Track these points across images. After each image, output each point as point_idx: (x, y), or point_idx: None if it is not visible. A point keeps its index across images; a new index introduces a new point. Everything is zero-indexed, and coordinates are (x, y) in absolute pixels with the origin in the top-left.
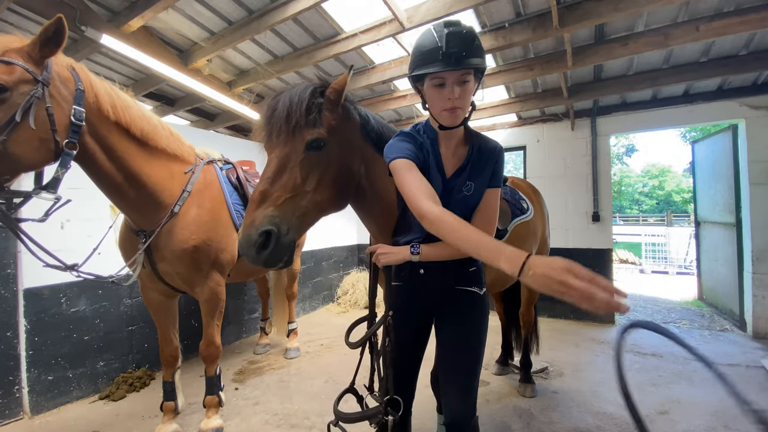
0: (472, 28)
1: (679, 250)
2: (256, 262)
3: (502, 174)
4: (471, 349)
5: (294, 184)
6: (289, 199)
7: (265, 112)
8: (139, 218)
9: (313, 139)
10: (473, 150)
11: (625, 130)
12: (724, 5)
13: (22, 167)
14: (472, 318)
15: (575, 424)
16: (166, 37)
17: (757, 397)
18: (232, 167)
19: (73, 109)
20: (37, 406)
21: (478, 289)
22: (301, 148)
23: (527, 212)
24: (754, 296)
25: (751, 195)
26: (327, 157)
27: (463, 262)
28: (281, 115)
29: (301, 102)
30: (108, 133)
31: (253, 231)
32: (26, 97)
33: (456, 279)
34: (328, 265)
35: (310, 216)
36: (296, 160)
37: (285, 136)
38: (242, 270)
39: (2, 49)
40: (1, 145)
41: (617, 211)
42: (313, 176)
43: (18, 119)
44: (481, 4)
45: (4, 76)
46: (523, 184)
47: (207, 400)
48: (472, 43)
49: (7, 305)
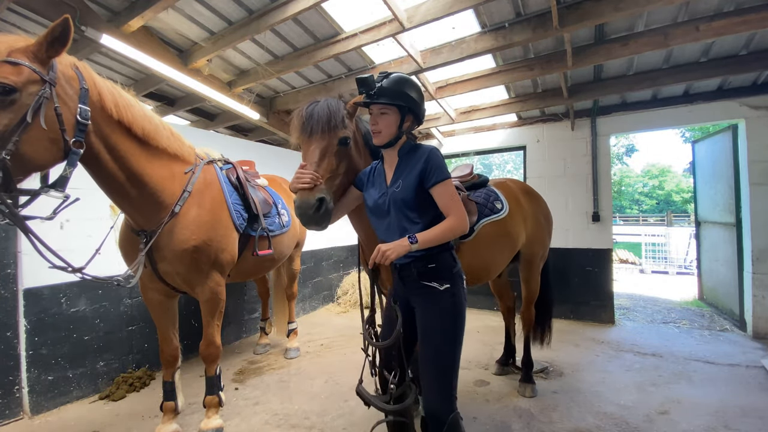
0: (395, 78)
1: (679, 250)
2: (310, 221)
3: (439, 170)
4: (436, 343)
5: (331, 168)
6: (329, 179)
7: (303, 116)
8: (139, 218)
9: (344, 137)
10: (401, 158)
11: (625, 130)
12: (724, 5)
13: (34, 167)
14: (434, 312)
15: (575, 424)
16: (166, 37)
17: (757, 397)
18: (231, 167)
19: (78, 108)
20: (37, 406)
21: (438, 285)
22: (335, 143)
23: (500, 212)
24: (754, 296)
25: (751, 195)
26: (349, 152)
27: (423, 259)
28: (322, 118)
29: (339, 109)
30: (111, 132)
31: (312, 197)
32: (35, 98)
33: (419, 274)
34: (328, 265)
35: (338, 194)
36: (332, 151)
37: (324, 133)
38: (242, 270)
39: (7, 49)
40: (14, 145)
41: (617, 211)
42: (343, 164)
43: (29, 120)
44: (481, 4)
45: (13, 77)
46: (514, 186)
47: (207, 400)
48: (386, 89)
49: (7, 305)
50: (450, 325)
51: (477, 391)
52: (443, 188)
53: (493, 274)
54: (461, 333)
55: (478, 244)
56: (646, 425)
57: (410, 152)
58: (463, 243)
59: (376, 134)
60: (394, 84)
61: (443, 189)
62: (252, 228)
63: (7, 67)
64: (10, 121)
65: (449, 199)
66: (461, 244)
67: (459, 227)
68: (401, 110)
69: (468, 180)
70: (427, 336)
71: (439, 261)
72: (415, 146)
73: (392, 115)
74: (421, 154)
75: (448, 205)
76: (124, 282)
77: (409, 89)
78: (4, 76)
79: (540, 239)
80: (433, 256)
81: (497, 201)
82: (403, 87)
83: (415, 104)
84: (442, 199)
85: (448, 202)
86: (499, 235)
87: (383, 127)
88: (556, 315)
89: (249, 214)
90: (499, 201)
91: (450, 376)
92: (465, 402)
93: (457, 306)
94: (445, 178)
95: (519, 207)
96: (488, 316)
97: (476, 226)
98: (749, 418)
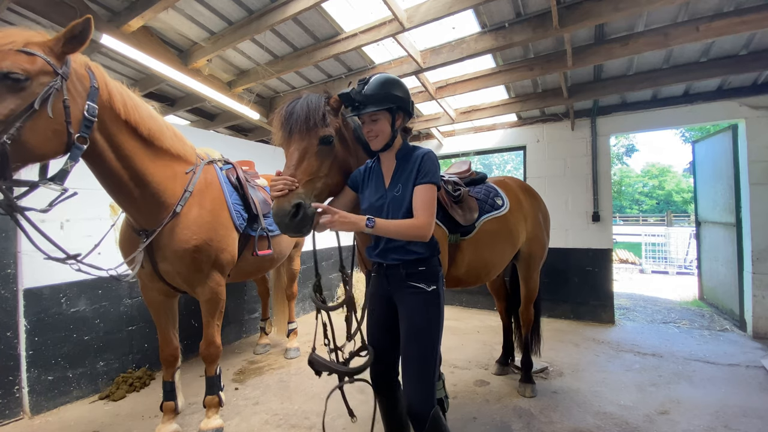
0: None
1: (679, 250)
2: (288, 229)
3: (428, 173)
4: (418, 340)
5: (312, 170)
6: (309, 181)
7: (283, 115)
8: (141, 217)
9: (325, 135)
10: (398, 161)
11: (625, 130)
12: (724, 5)
13: (34, 156)
14: (418, 311)
15: (575, 424)
16: (166, 37)
17: (757, 397)
18: (231, 167)
19: (87, 105)
20: (37, 406)
21: (425, 285)
22: (316, 142)
23: (501, 208)
24: (754, 296)
25: (751, 195)
26: (334, 151)
27: (414, 262)
28: (300, 117)
29: (318, 107)
30: (118, 132)
31: (287, 203)
32: (45, 88)
33: (407, 275)
34: (328, 265)
35: (323, 196)
36: (312, 151)
37: (303, 133)
38: (242, 270)
39: (24, 41)
40: (16, 131)
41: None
42: (326, 164)
43: (36, 107)
44: (481, 4)
45: (26, 65)
46: (513, 184)
47: (207, 400)
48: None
49: (7, 305)
50: (435, 324)
51: (477, 391)
52: (424, 190)
53: (494, 273)
54: (441, 333)
55: (479, 242)
56: (646, 425)
57: (407, 155)
58: (464, 240)
59: (372, 140)
60: (378, 88)
61: (423, 191)
62: (252, 228)
63: (21, 56)
64: (17, 106)
65: (424, 202)
66: (462, 241)
67: (420, 230)
68: (391, 111)
69: (466, 176)
70: (413, 334)
71: (429, 264)
72: (412, 149)
73: (383, 118)
74: (416, 157)
75: (420, 207)
76: (120, 276)
77: (393, 89)
78: (17, 63)
79: (539, 238)
80: (423, 260)
81: (497, 197)
82: (386, 89)
83: (402, 101)
84: (417, 199)
85: (421, 204)
86: (500, 232)
87: (378, 132)
88: (557, 315)
89: (249, 214)
90: (499, 197)
91: (433, 373)
92: (465, 402)
93: (441, 307)
94: (430, 181)
95: (519, 205)
96: (488, 316)
97: (477, 223)
98: (749, 418)
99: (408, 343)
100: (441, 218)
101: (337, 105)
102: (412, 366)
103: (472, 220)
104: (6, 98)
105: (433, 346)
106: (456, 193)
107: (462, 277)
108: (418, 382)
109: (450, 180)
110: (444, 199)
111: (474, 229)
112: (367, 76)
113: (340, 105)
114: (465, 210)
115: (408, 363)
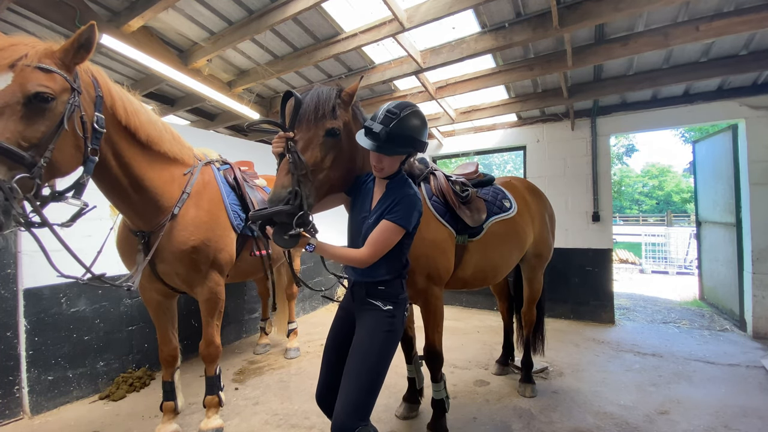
0: (406, 125)
1: (679, 250)
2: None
3: (399, 214)
4: (359, 355)
5: (314, 160)
6: (313, 171)
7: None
8: (138, 220)
9: (331, 128)
10: (388, 189)
11: (625, 130)
12: (724, 5)
13: (59, 174)
14: (368, 327)
15: (575, 424)
16: (166, 37)
17: (757, 397)
18: (229, 168)
19: (95, 116)
20: (37, 406)
21: (381, 304)
22: (322, 133)
23: (509, 210)
24: (754, 296)
25: (751, 195)
26: (339, 144)
27: (376, 282)
28: (310, 107)
29: (328, 99)
30: (119, 139)
31: (283, 190)
32: (66, 106)
33: (367, 292)
34: (328, 264)
35: (324, 188)
36: (317, 142)
37: (311, 123)
38: (241, 270)
39: (37, 55)
40: (50, 153)
41: (617, 211)
42: (329, 157)
43: (66, 126)
44: (481, 4)
45: (50, 84)
46: (520, 185)
47: (207, 400)
48: (395, 137)
49: (7, 305)
50: (381, 343)
51: (477, 391)
52: (385, 227)
53: (500, 276)
54: (390, 354)
55: (486, 244)
56: (646, 425)
57: (396, 188)
58: (471, 242)
59: (378, 170)
60: (405, 130)
61: (384, 227)
62: (250, 228)
63: (40, 74)
64: (47, 128)
65: (377, 238)
66: (469, 242)
67: (361, 260)
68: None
69: (473, 177)
70: (357, 349)
71: (389, 285)
72: (402, 183)
73: (398, 156)
74: (400, 195)
75: (372, 240)
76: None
77: (419, 134)
78: (42, 84)
79: (545, 239)
80: (385, 282)
81: (505, 199)
82: (414, 133)
83: (421, 145)
84: (375, 232)
85: (374, 239)
86: (508, 235)
87: (386, 166)
88: (557, 315)
89: (247, 214)
90: (507, 199)
91: (368, 391)
92: (465, 402)
93: (393, 327)
94: (396, 222)
95: (526, 206)
96: (488, 316)
97: (485, 224)
98: (749, 418)
99: (351, 356)
100: (448, 219)
101: (348, 99)
102: (348, 378)
103: (480, 221)
104: (36, 120)
105: (374, 365)
106: (464, 194)
107: (468, 279)
108: (348, 394)
109: (458, 181)
110: (452, 199)
111: (482, 230)
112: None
113: (351, 99)
114: (473, 211)
115: (345, 375)
